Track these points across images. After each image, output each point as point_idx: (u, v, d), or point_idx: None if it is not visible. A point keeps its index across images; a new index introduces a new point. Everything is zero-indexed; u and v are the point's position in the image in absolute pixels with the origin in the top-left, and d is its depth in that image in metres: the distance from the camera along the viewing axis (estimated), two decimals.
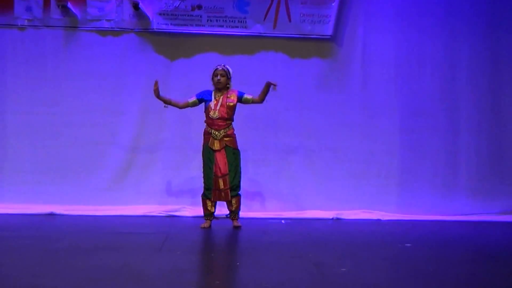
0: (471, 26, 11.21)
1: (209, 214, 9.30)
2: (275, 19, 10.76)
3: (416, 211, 10.78)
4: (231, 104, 9.11)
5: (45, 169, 10.69)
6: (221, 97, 9.11)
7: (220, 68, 9.06)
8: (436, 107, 11.16)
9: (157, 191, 10.74)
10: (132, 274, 6.31)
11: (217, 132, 9.10)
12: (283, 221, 10.30)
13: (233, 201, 9.30)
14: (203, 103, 9.18)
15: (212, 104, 9.08)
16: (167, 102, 9.17)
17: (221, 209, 9.80)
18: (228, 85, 9.10)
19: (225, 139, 9.10)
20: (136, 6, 10.44)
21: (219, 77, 8.99)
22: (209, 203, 9.31)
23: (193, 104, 9.18)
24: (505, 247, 8.53)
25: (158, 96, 9.01)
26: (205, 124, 9.14)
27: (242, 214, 9.72)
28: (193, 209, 10.05)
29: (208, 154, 9.17)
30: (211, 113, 9.07)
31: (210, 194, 9.21)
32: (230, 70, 9.19)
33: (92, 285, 5.70)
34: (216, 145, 9.11)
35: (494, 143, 11.24)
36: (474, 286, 6.38)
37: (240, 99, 9.11)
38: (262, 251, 7.85)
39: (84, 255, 7.09)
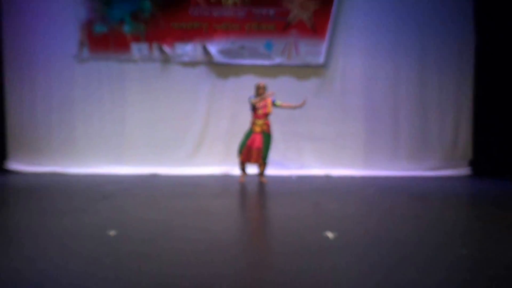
0: (409, 56, 11.73)
1: (242, 169, 10.08)
2: (289, 54, 11.55)
3: (376, 169, 11.66)
4: (269, 106, 9.78)
5: (150, 144, 11.68)
6: (262, 102, 9.76)
7: (262, 84, 9.82)
8: (385, 105, 11.86)
9: (217, 158, 11.62)
10: (201, 210, 7.40)
11: (259, 122, 9.81)
12: (293, 177, 11.03)
13: (261, 166, 10.03)
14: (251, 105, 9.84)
15: (258, 106, 9.74)
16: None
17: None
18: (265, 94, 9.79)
19: (264, 126, 9.80)
20: (204, 48, 11.45)
21: (263, 90, 9.77)
22: (243, 164, 10.01)
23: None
24: (426, 189, 9.52)
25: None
26: (253, 117, 9.85)
27: (270, 173, 10.54)
28: (238, 170, 10.36)
29: (249, 133, 9.84)
30: (258, 111, 9.78)
31: (241, 155, 9.86)
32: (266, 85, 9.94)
33: (179, 216, 6.91)
34: (257, 129, 9.78)
35: (422, 126, 11.85)
36: (405, 210, 7.78)
37: (273, 103, 9.85)
38: (280, 195, 8.86)
39: (172, 199, 8.23)
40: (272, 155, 10.42)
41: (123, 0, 11.49)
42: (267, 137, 9.96)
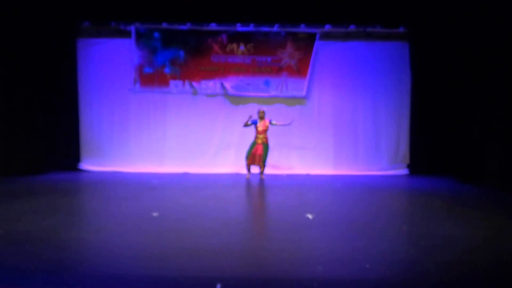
0: (365, 90, 11.64)
1: (248, 170, 10.20)
2: (281, 89, 11.50)
3: (342, 169, 11.49)
4: (267, 124, 9.99)
5: (183, 151, 11.54)
6: (262, 122, 9.98)
7: (262, 110, 10.05)
8: (348, 124, 11.61)
9: (230, 161, 11.46)
10: (219, 197, 7.51)
11: (261, 136, 9.94)
12: (284, 175, 10.94)
13: (262, 167, 10.09)
14: (254, 125, 9.96)
15: (259, 125, 9.95)
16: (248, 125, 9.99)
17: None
18: (263, 117, 10.01)
19: (264, 139, 9.94)
20: (222, 84, 11.44)
21: (262, 114, 9.98)
22: (247, 164, 10.10)
23: (250, 125, 9.95)
24: (377, 184, 9.43)
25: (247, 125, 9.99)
26: (256, 133, 9.96)
27: (267, 172, 10.43)
28: (245, 170, 10.37)
29: (253, 144, 9.96)
30: (259, 128, 9.94)
31: (247, 159, 10.00)
32: (265, 111, 10.13)
33: (203, 202, 6.98)
34: (259, 141, 9.91)
35: (374, 139, 11.65)
36: (362, 198, 7.77)
37: (270, 122, 10.02)
38: (274, 188, 8.85)
39: (198, 190, 8.26)
40: (269, 159, 10.31)
41: (165, 50, 11.48)
42: (266, 147, 10.04)
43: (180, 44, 11.53)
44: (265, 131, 10.06)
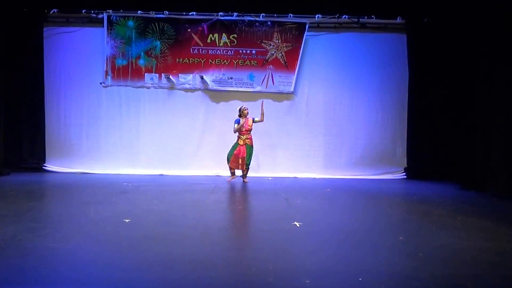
0: (359, 86, 11.64)
1: (232, 173, 10.13)
2: (267, 83, 11.50)
3: (332, 173, 11.42)
4: (251, 123, 9.97)
5: (158, 151, 11.51)
6: (245, 120, 9.95)
7: (245, 107, 10.05)
8: (340, 124, 11.62)
9: (210, 163, 11.35)
10: (198, 203, 7.47)
11: (243, 137, 9.93)
12: (270, 178, 10.95)
13: (245, 170, 10.09)
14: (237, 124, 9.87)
15: (243, 124, 9.90)
16: (237, 128, 9.90)
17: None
18: (247, 115, 10.01)
19: (247, 140, 9.93)
20: (201, 78, 11.42)
21: (247, 111, 9.97)
22: (231, 168, 10.05)
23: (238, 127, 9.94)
24: (371, 189, 9.44)
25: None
26: (239, 133, 9.94)
27: (251, 175, 10.35)
28: (227, 172, 10.27)
29: (235, 145, 9.94)
30: (243, 128, 9.90)
31: (228, 161, 9.95)
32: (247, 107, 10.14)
33: (180, 208, 6.95)
34: (241, 143, 9.90)
35: (368, 140, 11.66)
36: (355, 205, 7.81)
37: (253, 120, 10.01)
38: (259, 192, 8.86)
39: (175, 194, 8.27)
40: (252, 161, 10.22)
41: (139, 40, 11.44)
42: (249, 148, 10.04)
43: (156, 33, 11.47)
44: (249, 131, 10.05)
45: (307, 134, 11.79)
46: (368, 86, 11.78)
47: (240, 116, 10.07)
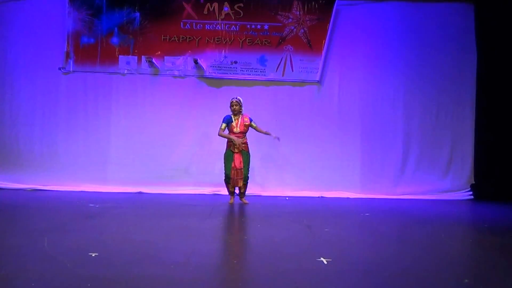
0: (409, 75, 11.83)
1: (231, 192, 10.09)
2: (283, 70, 11.55)
3: (372, 191, 11.62)
4: (246, 123, 9.87)
5: (136, 161, 11.62)
6: (239, 119, 9.85)
7: (235, 100, 9.84)
8: (383, 126, 11.85)
9: (207, 178, 11.51)
10: (188, 231, 7.33)
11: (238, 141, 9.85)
12: (287, 198, 11.03)
13: (243, 187, 10.04)
14: (228, 124, 9.78)
15: (234, 123, 9.80)
16: (225, 136, 9.85)
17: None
18: (241, 111, 9.87)
19: (242, 145, 9.82)
20: (195, 62, 11.44)
21: (238, 106, 9.80)
22: (230, 186, 10.00)
23: (225, 128, 9.77)
24: (425, 213, 9.45)
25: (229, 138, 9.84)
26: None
27: (260, 193, 10.79)
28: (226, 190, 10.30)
29: (229, 155, 9.88)
30: (235, 129, 9.81)
31: (229, 179, 9.90)
32: (241, 100, 9.88)
33: (164, 238, 6.81)
34: (235, 150, 9.77)
35: (420, 148, 11.83)
36: (403, 236, 7.74)
37: (250, 121, 9.91)
38: (273, 217, 8.75)
39: (158, 219, 8.17)
40: (263, 175, 10.51)
41: (112, 12, 11.52)
42: (246, 156, 10.02)
43: (134, 3, 11.55)
44: (243, 133, 9.98)
45: (338, 139, 11.80)
46: (421, 77, 11.81)
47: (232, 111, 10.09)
